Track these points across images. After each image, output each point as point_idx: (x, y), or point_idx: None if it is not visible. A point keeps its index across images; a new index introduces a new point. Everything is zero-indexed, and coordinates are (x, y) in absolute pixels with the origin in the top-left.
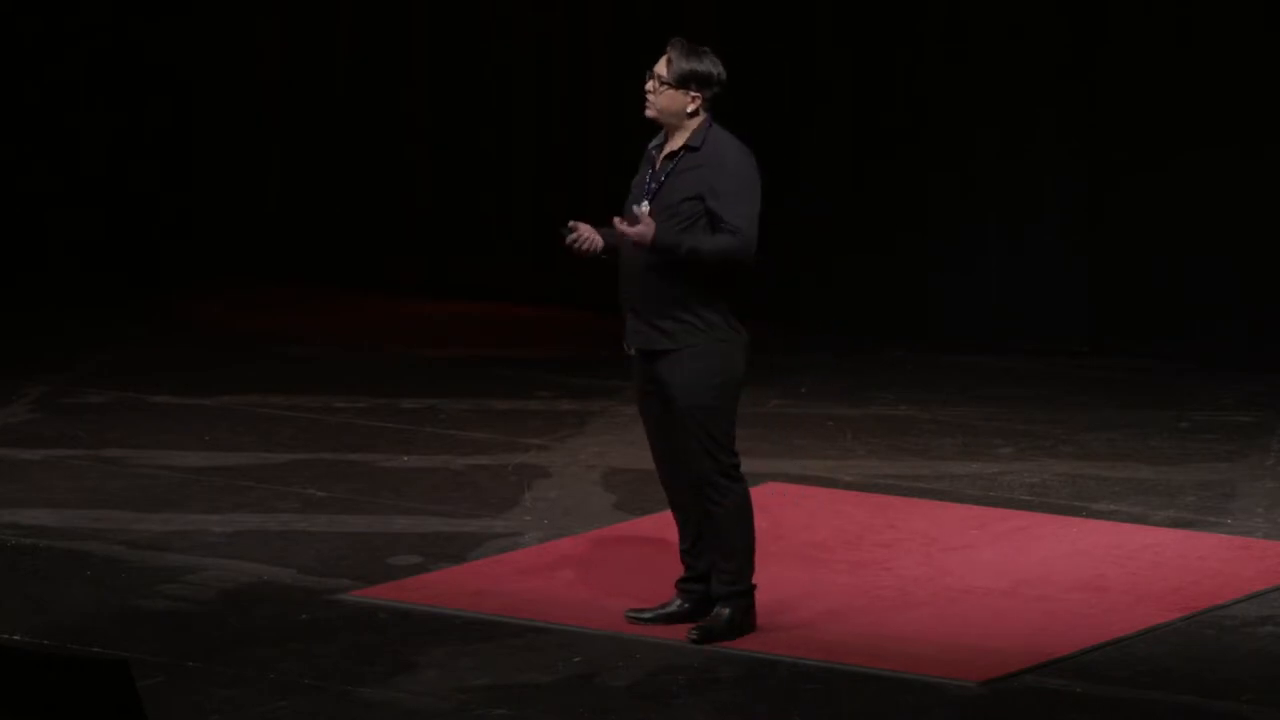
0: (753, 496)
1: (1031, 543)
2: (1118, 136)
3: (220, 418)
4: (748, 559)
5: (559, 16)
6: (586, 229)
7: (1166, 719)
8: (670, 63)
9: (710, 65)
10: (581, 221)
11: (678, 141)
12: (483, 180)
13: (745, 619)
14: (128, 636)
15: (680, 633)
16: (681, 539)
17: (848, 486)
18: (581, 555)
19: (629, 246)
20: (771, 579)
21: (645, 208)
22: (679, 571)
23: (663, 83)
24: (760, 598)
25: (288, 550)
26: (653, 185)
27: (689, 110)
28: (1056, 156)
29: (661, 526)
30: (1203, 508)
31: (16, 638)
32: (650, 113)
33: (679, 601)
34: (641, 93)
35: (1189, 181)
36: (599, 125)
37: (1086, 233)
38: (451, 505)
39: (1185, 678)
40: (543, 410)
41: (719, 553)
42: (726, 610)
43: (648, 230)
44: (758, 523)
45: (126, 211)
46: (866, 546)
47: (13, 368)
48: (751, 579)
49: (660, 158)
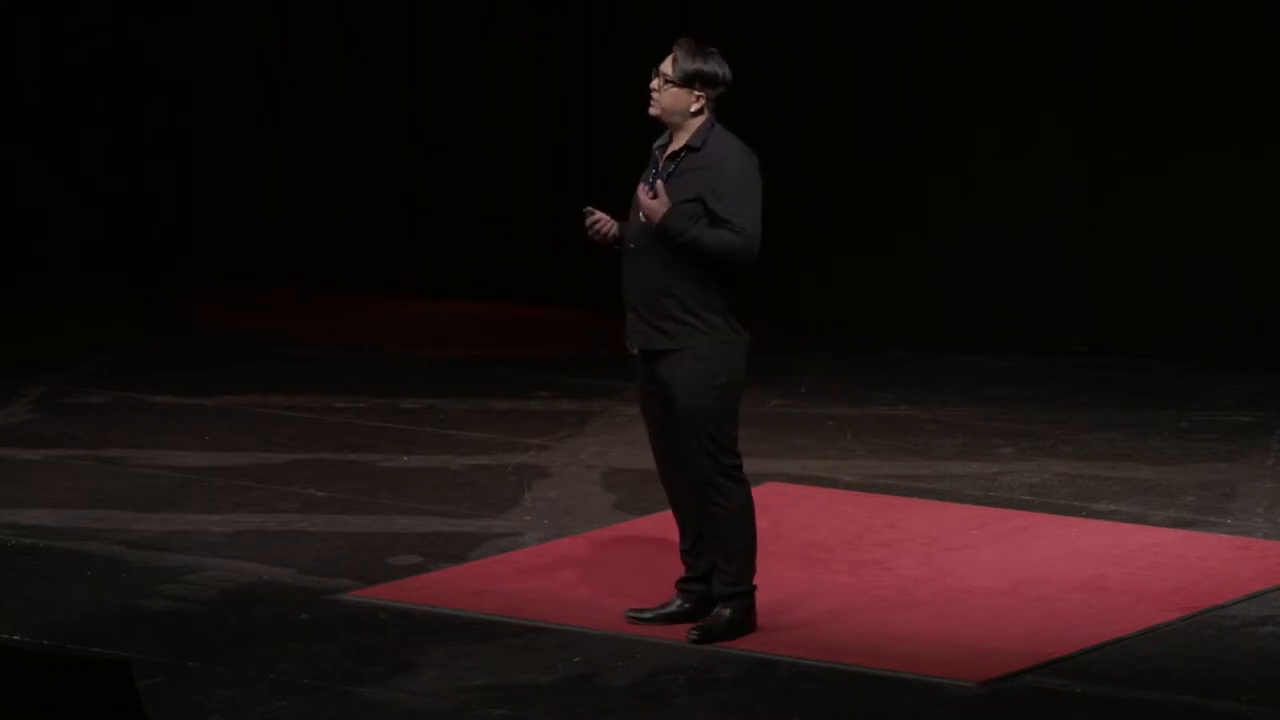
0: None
1: (1031, 543)
2: (1118, 136)
3: (220, 418)
4: (749, 560)
5: (559, 16)
6: (603, 214)
7: (1166, 719)
8: (676, 61)
9: (716, 65)
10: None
11: (680, 141)
12: (483, 180)
13: (745, 619)
14: (128, 636)
15: (680, 633)
16: (682, 539)
17: (848, 486)
18: (581, 555)
19: (634, 237)
20: (771, 579)
21: (661, 184)
22: (679, 571)
23: (667, 81)
24: (760, 598)
25: (288, 550)
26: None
27: (692, 109)
28: (1056, 156)
29: (661, 526)
30: (1203, 508)
31: (16, 638)
32: (654, 111)
33: (679, 601)
34: (644, 91)
35: (1189, 181)
36: (599, 125)
37: (1086, 233)
38: (451, 505)
39: (1185, 678)
40: (543, 410)
41: (720, 554)
42: (727, 610)
43: (661, 207)
44: (758, 523)
45: (126, 211)
46: (866, 546)
47: (13, 368)
48: (752, 580)
49: (663, 158)
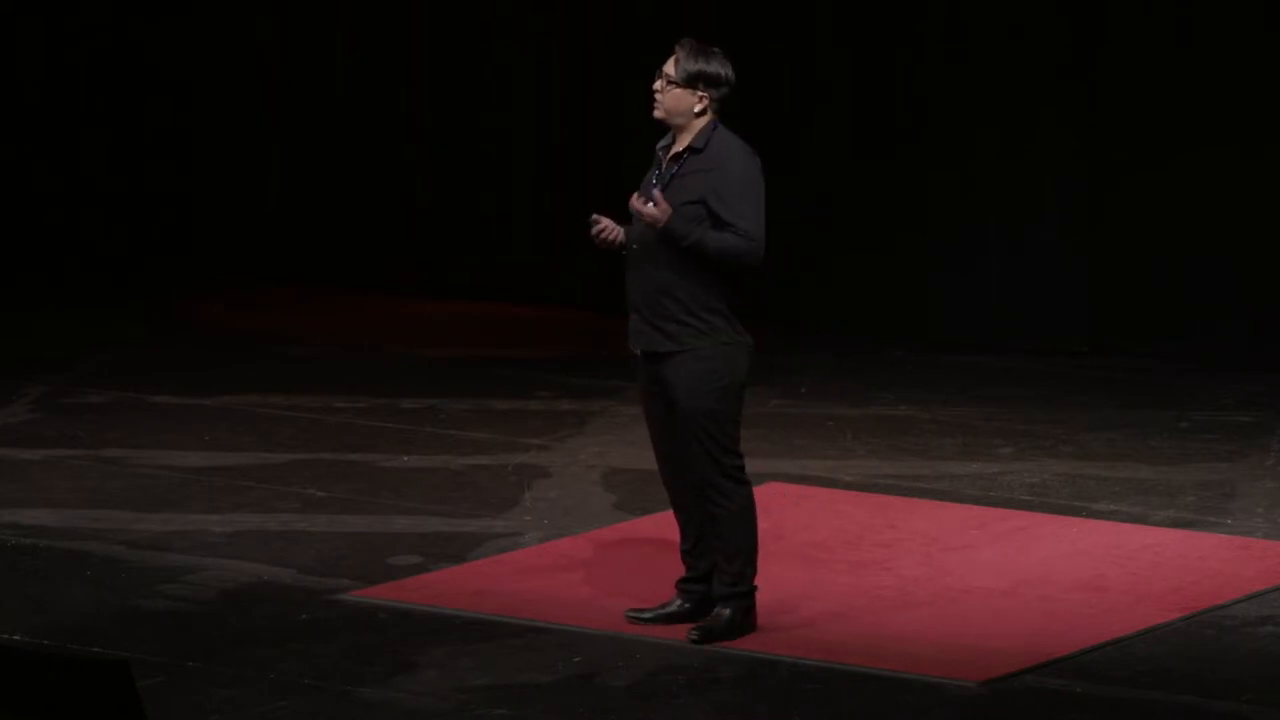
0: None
1: (1031, 543)
2: (1118, 136)
3: (220, 418)
4: (750, 561)
5: (559, 16)
6: (609, 221)
7: (1166, 719)
8: (678, 62)
9: (719, 66)
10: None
11: (683, 142)
12: (483, 180)
13: (746, 619)
14: (128, 636)
15: (680, 633)
16: (683, 539)
17: (848, 486)
18: (581, 555)
19: (636, 239)
20: (771, 579)
21: (659, 193)
22: (679, 571)
23: (670, 82)
24: (760, 598)
25: (288, 550)
26: (657, 187)
27: (696, 110)
28: (1056, 156)
29: (662, 526)
30: (1203, 508)
31: (16, 638)
32: (658, 113)
33: (679, 601)
34: (645, 93)
35: (1189, 181)
36: (599, 125)
37: (1086, 233)
38: (451, 505)
39: (1185, 678)
40: (543, 410)
41: (722, 554)
42: (727, 610)
43: (662, 215)
44: (758, 523)
45: (126, 211)
46: (866, 546)
47: (13, 368)
48: (753, 580)
49: (666, 159)
